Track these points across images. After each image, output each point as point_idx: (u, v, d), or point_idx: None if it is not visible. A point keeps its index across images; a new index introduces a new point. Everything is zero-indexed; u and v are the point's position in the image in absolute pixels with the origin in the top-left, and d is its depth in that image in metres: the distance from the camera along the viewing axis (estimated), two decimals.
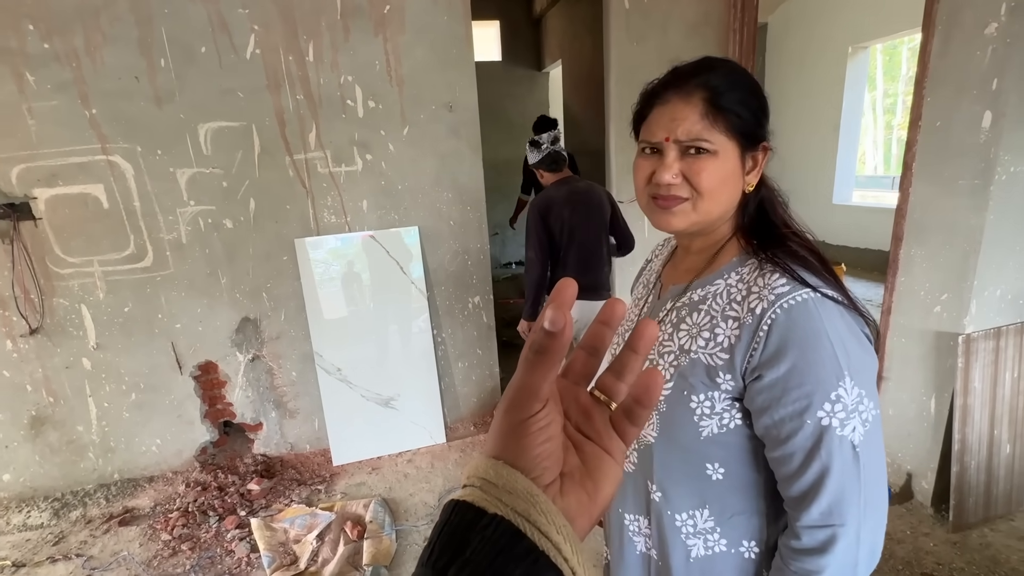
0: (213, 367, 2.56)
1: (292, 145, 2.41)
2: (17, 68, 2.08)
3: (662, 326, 0.74)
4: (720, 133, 0.65)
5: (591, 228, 2.21)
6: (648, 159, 0.69)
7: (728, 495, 0.69)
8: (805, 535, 0.62)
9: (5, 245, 2.22)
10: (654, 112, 0.68)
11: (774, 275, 0.64)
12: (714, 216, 0.69)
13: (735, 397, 0.66)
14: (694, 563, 0.73)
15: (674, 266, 0.82)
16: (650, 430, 0.72)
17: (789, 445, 0.62)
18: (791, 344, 0.60)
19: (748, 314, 0.64)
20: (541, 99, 6.48)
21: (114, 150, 2.24)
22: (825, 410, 0.60)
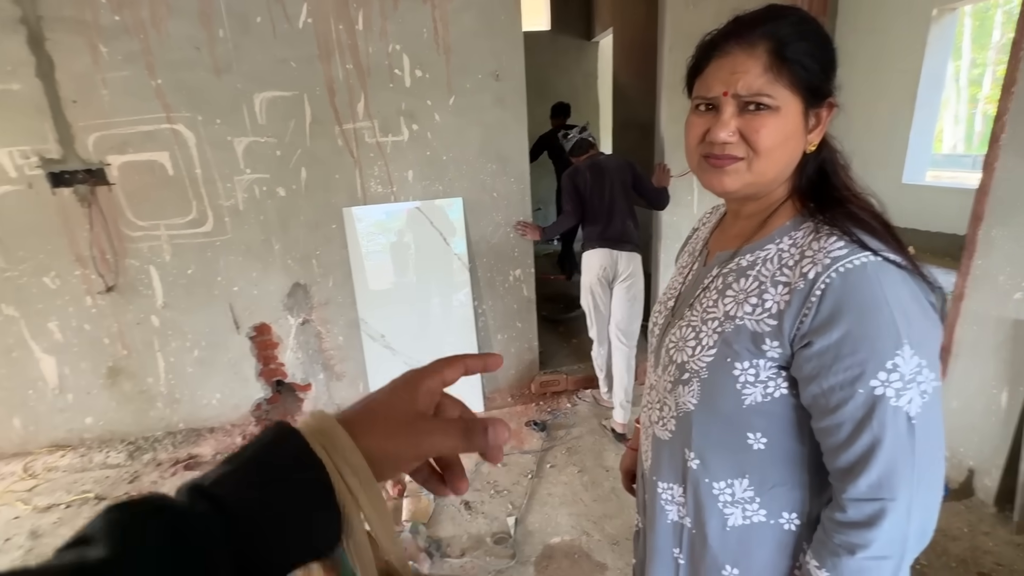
0: (267, 329, 2.70)
1: (341, 115, 2.45)
2: (92, 40, 2.21)
3: (707, 293, 0.72)
4: (784, 88, 0.61)
5: (611, 189, 2.58)
6: (702, 116, 0.66)
7: (770, 465, 0.68)
8: (851, 508, 0.60)
9: (84, 208, 2.39)
10: (712, 65, 0.64)
11: (831, 238, 0.60)
12: (769, 177, 0.65)
13: (781, 365, 0.63)
14: (731, 532, 0.72)
15: (722, 232, 0.79)
16: (690, 397, 0.71)
17: (838, 415, 0.59)
18: (846, 310, 0.57)
19: (800, 279, 0.60)
20: (589, 70, 6.29)
21: (177, 119, 2.35)
22: (879, 379, 0.57)
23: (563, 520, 2.07)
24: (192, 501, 0.27)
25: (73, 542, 0.25)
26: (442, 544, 1.97)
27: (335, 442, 0.30)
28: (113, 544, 0.24)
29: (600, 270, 2.59)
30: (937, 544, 1.83)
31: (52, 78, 2.23)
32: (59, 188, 2.35)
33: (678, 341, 0.73)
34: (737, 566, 0.72)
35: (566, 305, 3.99)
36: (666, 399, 0.76)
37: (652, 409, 0.81)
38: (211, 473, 0.29)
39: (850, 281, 0.57)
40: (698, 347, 0.69)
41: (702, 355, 0.69)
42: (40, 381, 2.59)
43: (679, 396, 0.72)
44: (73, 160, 2.34)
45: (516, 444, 2.59)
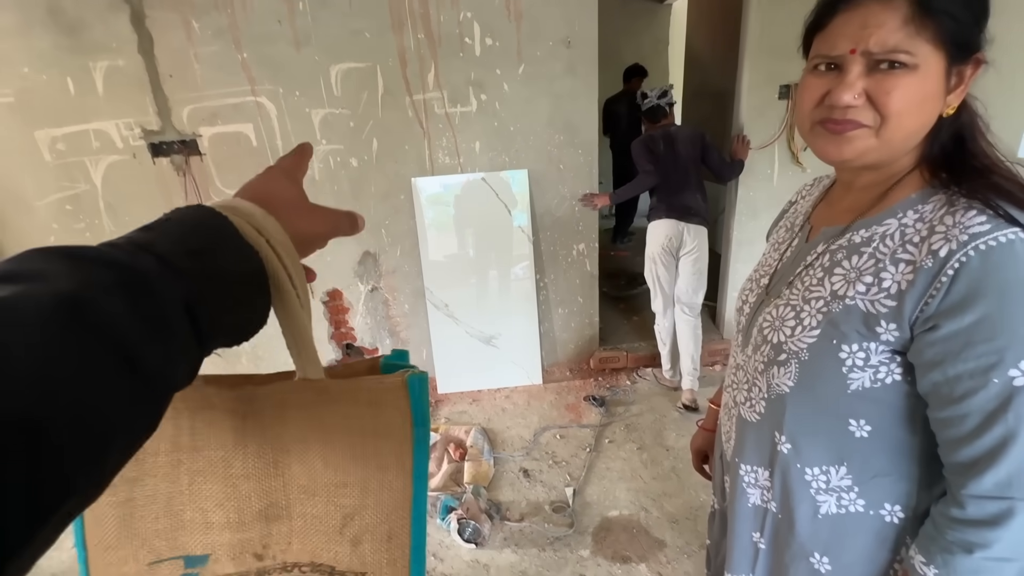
0: (339, 294, 2.84)
1: (412, 85, 2.48)
2: (186, 16, 2.33)
3: (810, 270, 0.68)
4: (926, 42, 0.54)
5: (681, 161, 2.55)
6: (822, 77, 0.59)
7: (873, 454, 0.64)
8: (972, 505, 0.56)
9: (179, 177, 2.59)
10: (838, 18, 0.57)
11: (969, 212, 0.54)
12: (897, 145, 0.59)
13: (896, 350, 0.59)
14: (822, 520, 0.69)
15: (829, 205, 0.73)
16: (786, 379, 0.67)
17: (964, 405, 0.55)
18: (984, 291, 0.52)
19: (928, 256, 0.55)
20: (660, 36, 5.95)
21: (261, 91, 2.47)
22: (1020, 369, 0.52)
23: (621, 495, 2.07)
24: (133, 255, 0.25)
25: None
26: (502, 507, 2.03)
27: (265, 225, 0.32)
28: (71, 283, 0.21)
29: (666, 240, 2.53)
30: None
31: (152, 54, 2.39)
32: (159, 158, 2.55)
33: (774, 320, 0.69)
34: (827, 554, 0.70)
35: (628, 281, 3.92)
36: (756, 380, 0.73)
37: (738, 390, 0.78)
38: (138, 237, 0.28)
39: (992, 260, 0.51)
40: (798, 327, 0.66)
41: (803, 336, 0.65)
42: None
43: (772, 377, 0.69)
44: (170, 132, 2.52)
45: (574, 418, 2.61)
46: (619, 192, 2.69)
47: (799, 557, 0.72)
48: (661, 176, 2.58)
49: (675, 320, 2.69)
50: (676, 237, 2.56)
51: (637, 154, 2.60)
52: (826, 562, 0.70)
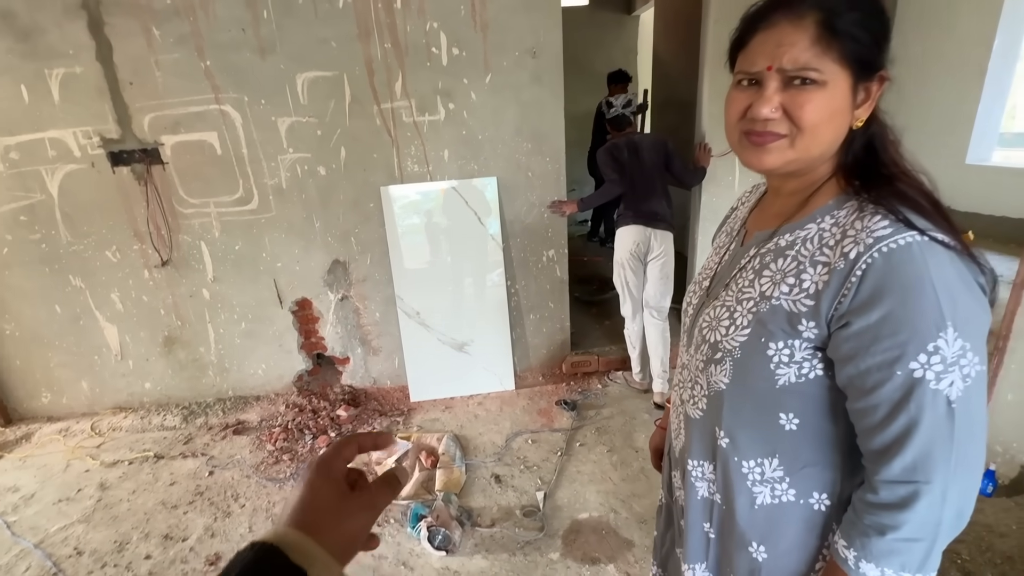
0: (308, 304, 2.81)
1: (380, 94, 2.48)
2: (146, 23, 2.30)
3: (743, 273, 0.72)
4: (832, 61, 0.58)
5: (646, 168, 2.61)
6: (744, 91, 0.64)
7: (801, 446, 0.67)
8: (884, 489, 0.59)
9: (140, 186, 2.53)
10: (756, 37, 0.62)
11: (875, 217, 0.58)
12: (813, 155, 0.63)
13: (817, 346, 0.63)
14: (759, 510, 0.72)
15: (762, 211, 0.78)
16: (722, 376, 0.71)
17: (874, 396, 0.58)
18: (888, 290, 0.55)
19: (840, 259, 0.59)
20: (629, 46, 6.09)
21: (225, 100, 2.44)
22: (920, 361, 0.55)
23: (591, 497, 2.10)
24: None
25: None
26: (473, 514, 2.03)
27: (311, 557, 0.35)
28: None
29: (633, 246, 2.59)
30: (983, 540, 1.77)
31: (111, 61, 2.34)
32: (119, 167, 2.50)
33: (712, 321, 0.73)
34: (764, 543, 0.73)
35: (599, 286, 3.97)
36: (698, 378, 0.76)
37: (684, 388, 0.82)
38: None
39: (893, 261, 0.55)
40: (732, 327, 0.69)
41: (735, 335, 0.68)
42: (104, 348, 2.79)
43: (711, 375, 0.73)
44: (131, 140, 2.47)
45: (546, 423, 2.63)
46: (586, 200, 2.74)
47: (740, 546, 0.75)
48: (627, 184, 2.63)
49: (644, 324, 2.74)
50: (643, 243, 2.62)
51: (602, 162, 2.66)
52: (763, 550, 0.73)
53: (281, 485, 2.27)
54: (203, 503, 2.19)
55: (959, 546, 1.75)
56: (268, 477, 2.32)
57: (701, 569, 0.83)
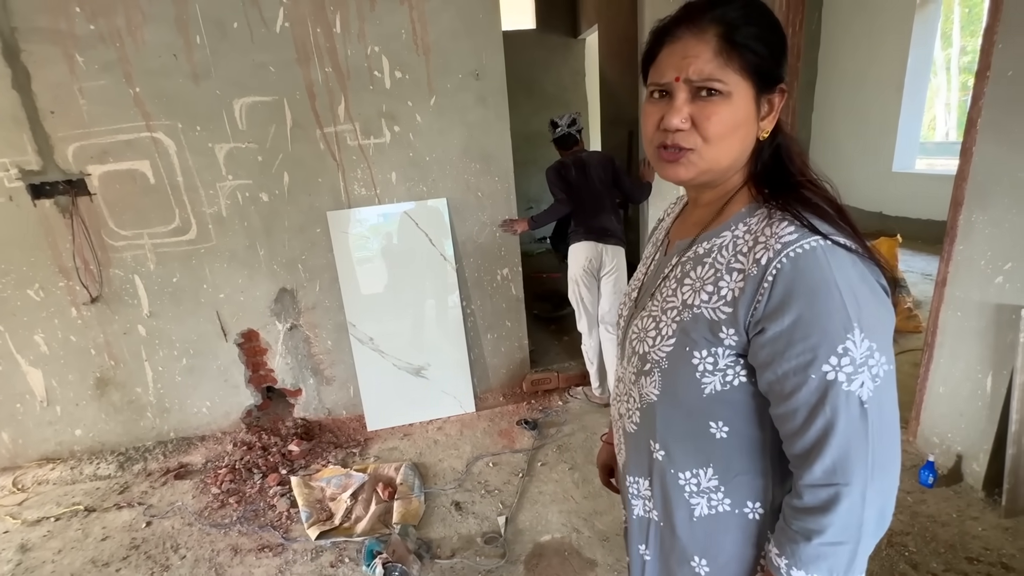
0: (255, 335, 2.69)
1: (322, 118, 2.44)
2: (68, 50, 2.19)
3: (667, 282, 0.72)
4: (734, 72, 0.61)
5: (593, 184, 2.65)
6: (656, 104, 0.65)
7: (733, 454, 0.68)
8: (807, 494, 0.60)
9: (65, 219, 2.38)
10: (664, 51, 0.64)
11: (782, 223, 0.60)
12: (723, 165, 0.65)
13: (739, 353, 0.63)
14: (697, 522, 0.71)
15: (683, 221, 0.79)
16: (652, 388, 0.70)
17: (792, 401, 0.59)
18: (796, 295, 0.57)
19: (753, 265, 0.60)
20: (576, 68, 6.28)
21: (157, 127, 2.34)
22: (831, 364, 0.56)
23: (553, 518, 2.06)
24: None
25: None
26: (432, 545, 1.96)
27: None
28: None
29: (586, 262, 2.62)
30: (927, 530, 1.83)
31: (29, 89, 2.22)
32: (40, 200, 2.34)
33: (640, 332, 0.73)
34: (705, 556, 0.72)
35: (557, 303, 3.99)
36: (631, 391, 0.76)
37: (621, 402, 0.80)
38: None
39: (800, 266, 0.57)
40: (658, 337, 0.69)
41: (662, 345, 0.68)
42: (27, 394, 2.57)
43: (642, 387, 0.72)
44: (53, 171, 2.33)
45: (507, 444, 2.59)
46: (537, 218, 2.76)
47: (682, 562, 0.74)
48: (576, 201, 2.67)
49: (600, 338, 2.76)
50: (596, 258, 2.65)
51: (550, 181, 2.69)
52: (704, 564, 0.72)
53: (227, 530, 2.12)
54: (139, 558, 2.03)
55: (905, 539, 1.80)
56: (212, 523, 2.17)
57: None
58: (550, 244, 5.51)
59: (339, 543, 2.00)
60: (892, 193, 5.18)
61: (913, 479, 2.05)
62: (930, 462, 2.02)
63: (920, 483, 2.02)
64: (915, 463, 2.11)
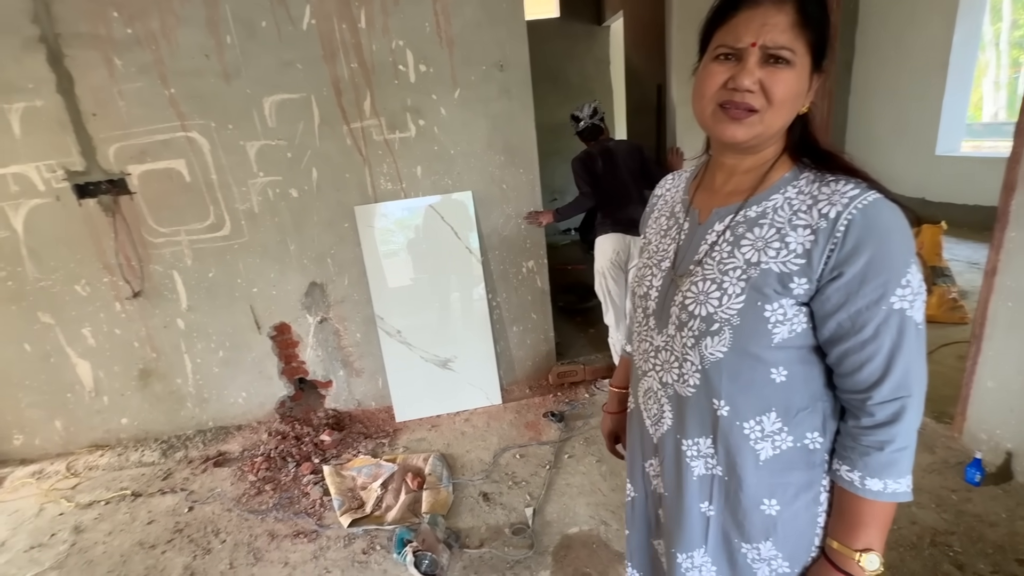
0: (287, 328, 2.77)
1: (349, 114, 2.47)
2: (107, 54, 2.28)
3: (718, 246, 0.75)
4: (802, 45, 0.66)
5: (621, 174, 2.61)
6: (724, 64, 0.68)
7: (792, 394, 0.73)
8: (879, 411, 0.68)
9: (108, 218, 2.48)
10: (741, 14, 0.66)
11: (840, 183, 0.67)
12: (775, 130, 0.70)
13: (803, 302, 0.69)
14: (763, 465, 0.75)
15: (710, 191, 0.81)
16: (719, 346, 0.73)
17: (863, 332, 0.66)
18: (867, 240, 0.64)
19: (821, 219, 0.66)
20: (601, 56, 6.18)
21: (191, 126, 2.41)
22: (897, 295, 0.64)
23: (581, 510, 2.06)
24: None
25: None
26: (461, 535, 1.99)
27: None
28: None
29: (613, 254, 2.59)
30: (973, 530, 1.76)
31: (72, 93, 2.31)
32: (84, 199, 2.45)
33: (697, 295, 0.75)
34: (774, 495, 0.76)
35: (583, 295, 3.96)
36: (687, 355, 0.77)
37: (667, 370, 0.81)
38: None
39: (869, 214, 0.64)
40: (724, 296, 0.72)
41: (730, 304, 0.71)
42: (77, 385, 2.71)
43: (705, 348, 0.74)
44: (96, 171, 2.43)
45: (534, 436, 2.59)
46: (562, 210, 2.73)
47: (751, 509, 0.77)
48: (603, 192, 2.64)
49: None
50: (624, 250, 2.62)
51: (576, 173, 2.66)
52: (774, 503, 0.76)
53: (263, 517, 2.20)
54: (182, 541, 2.12)
55: (950, 538, 1.73)
56: (250, 509, 2.25)
57: (700, 555, 0.83)
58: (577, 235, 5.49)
59: (370, 531, 2.05)
60: (935, 178, 4.94)
61: (959, 477, 1.97)
62: (977, 459, 1.93)
63: (966, 481, 1.94)
64: (961, 460, 2.02)
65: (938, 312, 3.12)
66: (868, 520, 0.70)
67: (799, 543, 0.77)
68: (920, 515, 1.82)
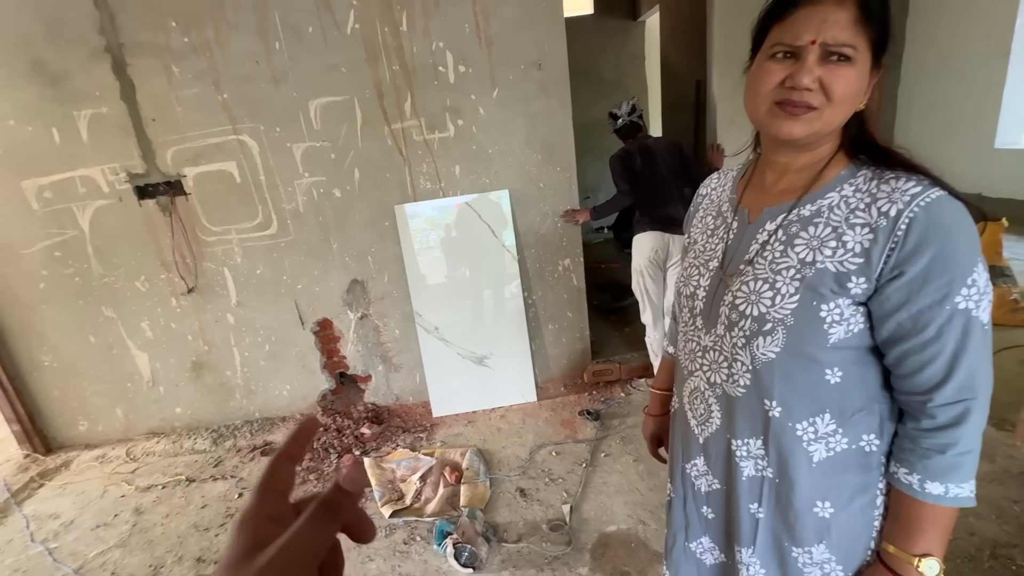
0: (329, 324, 2.86)
1: (390, 115, 2.53)
2: (165, 62, 2.40)
3: (770, 246, 0.74)
4: (864, 43, 0.64)
5: (660, 172, 2.59)
6: (780, 63, 0.67)
7: (847, 395, 0.71)
8: (940, 413, 0.66)
9: (165, 217, 2.62)
10: (800, 11, 0.65)
11: (901, 180, 0.65)
12: (833, 127, 0.69)
13: (861, 302, 0.68)
14: (817, 467, 0.74)
15: (759, 191, 0.80)
16: (772, 346, 0.72)
17: (926, 332, 0.64)
18: (931, 238, 0.62)
19: (881, 217, 0.65)
20: (636, 52, 6.09)
21: (242, 130, 2.52)
22: (963, 295, 0.62)
23: (619, 509, 2.06)
24: None
25: None
26: (499, 529, 2.01)
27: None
28: None
29: (652, 252, 2.56)
30: None
31: (134, 100, 2.45)
32: (144, 200, 2.59)
33: (749, 295, 0.74)
34: (828, 498, 0.75)
35: (618, 294, 3.93)
36: (737, 355, 0.76)
37: (715, 371, 0.81)
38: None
39: (932, 212, 0.62)
40: (777, 296, 0.71)
41: (784, 304, 0.70)
42: (136, 375, 2.87)
43: (757, 348, 0.73)
44: (155, 174, 2.56)
45: (569, 434, 2.60)
46: (599, 208, 2.72)
47: (804, 512, 0.75)
48: (642, 190, 2.61)
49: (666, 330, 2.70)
50: (662, 249, 2.59)
51: (614, 171, 2.64)
52: (828, 506, 0.75)
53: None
54: (233, 525, 2.22)
55: (1012, 551, 1.65)
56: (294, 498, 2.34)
57: (748, 554, 0.82)
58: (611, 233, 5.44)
59: (411, 522, 2.10)
60: (994, 172, 4.67)
61: (1021, 487, 1.87)
62: None
63: None
64: (1023, 470, 1.92)
65: (998, 314, 2.96)
66: (927, 525, 0.68)
67: (853, 547, 0.76)
68: (979, 526, 1.74)
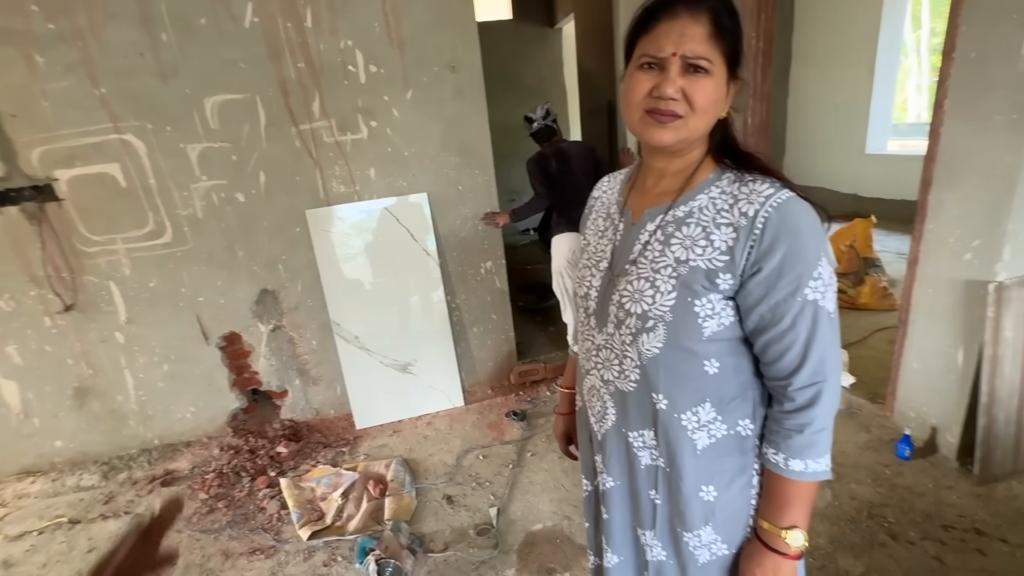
0: (237, 338, 2.66)
1: (297, 115, 2.40)
2: (26, 50, 2.12)
3: (651, 245, 0.78)
4: (718, 55, 0.69)
5: (575, 175, 2.66)
6: (648, 73, 0.71)
7: (724, 385, 0.77)
8: (798, 395, 0.72)
9: (33, 226, 2.31)
10: (661, 26, 0.69)
11: (757, 183, 0.72)
12: (698, 134, 0.74)
13: (729, 296, 0.73)
14: (701, 454, 0.79)
15: (642, 193, 0.84)
16: (655, 342, 0.76)
17: (782, 323, 0.70)
18: (783, 236, 0.68)
19: (741, 217, 0.70)
20: (554, 58, 6.25)
21: (126, 128, 2.28)
22: (811, 287, 0.69)
23: (544, 507, 2.09)
24: None
25: None
26: (425, 540, 1.97)
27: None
28: None
29: (569, 253, 2.64)
30: (904, 501, 1.89)
31: None
32: (5, 207, 2.27)
33: (633, 293, 0.77)
34: (712, 482, 0.80)
35: (543, 294, 4.00)
36: (626, 352, 0.80)
37: (607, 368, 0.84)
38: None
39: (782, 212, 0.68)
40: (657, 294, 0.75)
41: (663, 301, 0.75)
42: (2, 407, 2.51)
43: (642, 344, 0.77)
44: (18, 177, 2.25)
45: (497, 436, 2.60)
46: (518, 211, 2.75)
47: (691, 497, 0.81)
48: (558, 192, 2.67)
49: None
50: (579, 249, 2.66)
51: (531, 174, 2.69)
52: (711, 490, 0.80)
53: (216, 535, 2.11)
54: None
55: (884, 510, 1.87)
56: (201, 529, 2.15)
57: (651, 536, 0.87)
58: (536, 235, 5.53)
59: (331, 542, 2.00)
60: (866, 175, 5.29)
61: (891, 452, 2.12)
62: (907, 436, 2.09)
63: (898, 456, 2.09)
64: (892, 437, 2.17)
65: (871, 300, 3.35)
66: (792, 499, 0.75)
67: (735, 526, 0.82)
68: (858, 490, 1.95)
